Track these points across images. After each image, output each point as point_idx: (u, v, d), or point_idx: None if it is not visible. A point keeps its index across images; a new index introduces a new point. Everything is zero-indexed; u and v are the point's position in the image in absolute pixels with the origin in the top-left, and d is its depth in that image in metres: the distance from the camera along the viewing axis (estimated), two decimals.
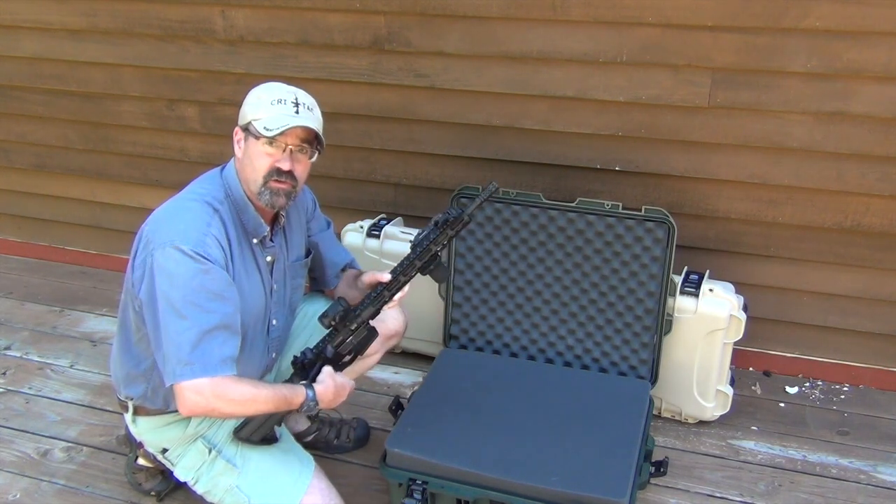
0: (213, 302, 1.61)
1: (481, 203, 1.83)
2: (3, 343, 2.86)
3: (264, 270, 1.82)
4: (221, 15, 2.68)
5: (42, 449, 2.31)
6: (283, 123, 1.66)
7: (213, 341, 1.61)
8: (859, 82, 2.18)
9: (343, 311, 1.76)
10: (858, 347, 2.56)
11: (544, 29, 2.36)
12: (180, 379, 1.59)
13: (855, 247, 2.40)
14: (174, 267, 1.59)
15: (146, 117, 3.00)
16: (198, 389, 1.59)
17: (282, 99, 1.69)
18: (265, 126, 1.66)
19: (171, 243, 1.60)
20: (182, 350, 1.59)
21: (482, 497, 1.84)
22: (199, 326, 1.59)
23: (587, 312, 2.33)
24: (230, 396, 1.62)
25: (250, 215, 1.74)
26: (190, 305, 1.59)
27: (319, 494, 1.80)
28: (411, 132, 2.67)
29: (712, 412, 2.35)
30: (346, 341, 1.81)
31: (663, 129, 2.39)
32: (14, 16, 2.97)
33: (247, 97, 1.74)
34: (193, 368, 1.58)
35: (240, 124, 1.74)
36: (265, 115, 1.67)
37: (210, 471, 1.81)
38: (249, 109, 1.71)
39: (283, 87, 1.74)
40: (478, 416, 2.03)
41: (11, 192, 3.44)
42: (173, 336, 1.60)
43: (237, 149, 1.75)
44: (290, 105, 1.69)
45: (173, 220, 1.67)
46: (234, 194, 1.74)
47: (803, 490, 2.14)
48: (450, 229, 1.81)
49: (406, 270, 1.82)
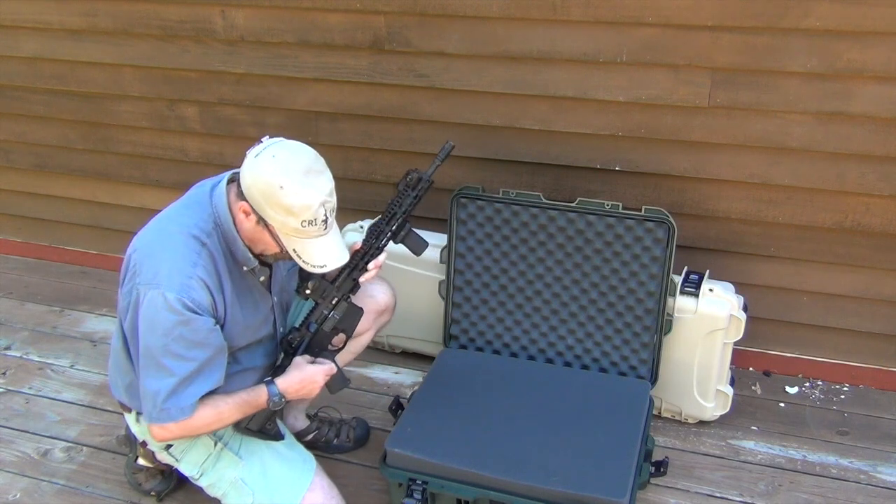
0: (191, 350, 1.63)
1: (440, 164, 1.89)
2: (3, 343, 2.86)
3: (260, 290, 1.81)
4: (221, 15, 2.68)
5: (42, 449, 2.31)
6: (322, 263, 1.62)
7: (190, 387, 1.64)
8: (859, 82, 2.18)
9: (318, 279, 1.77)
10: (858, 347, 2.56)
11: (544, 29, 2.36)
12: (155, 422, 1.67)
13: (855, 247, 2.40)
14: (154, 314, 1.60)
15: (146, 117, 3.00)
16: (166, 428, 1.67)
17: (312, 220, 1.56)
18: (301, 257, 1.61)
19: (155, 286, 1.59)
20: (158, 397, 1.64)
21: (482, 497, 1.84)
22: (175, 377, 1.62)
23: (587, 312, 2.33)
24: (194, 425, 1.68)
25: (239, 248, 1.69)
26: (168, 355, 1.61)
27: (321, 491, 1.81)
28: (411, 132, 2.67)
29: (712, 412, 2.35)
30: (329, 316, 1.83)
31: (663, 129, 2.39)
32: (14, 16, 2.96)
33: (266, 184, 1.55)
34: (169, 413, 1.64)
35: (251, 204, 1.59)
36: (296, 236, 1.59)
37: (216, 464, 1.83)
38: (273, 213, 1.56)
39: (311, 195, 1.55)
40: (478, 416, 2.03)
41: (11, 192, 3.43)
42: (150, 382, 1.64)
43: (243, 216, 1.63)
44: (320, 224, 1.58)
45: (159, 256, 1.63)
46: (223, 226, 1.67)
47: (803, 490, 2.14)
48: (411, 190, 1.85)
49: (377, 235, 1.84)
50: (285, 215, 1.55)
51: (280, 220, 1.57)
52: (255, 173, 1.56)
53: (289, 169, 1.55)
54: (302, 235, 1.59)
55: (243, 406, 1.73)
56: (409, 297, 2.41)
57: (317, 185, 1.57)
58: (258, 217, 1.60)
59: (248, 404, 1.73)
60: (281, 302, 1.92)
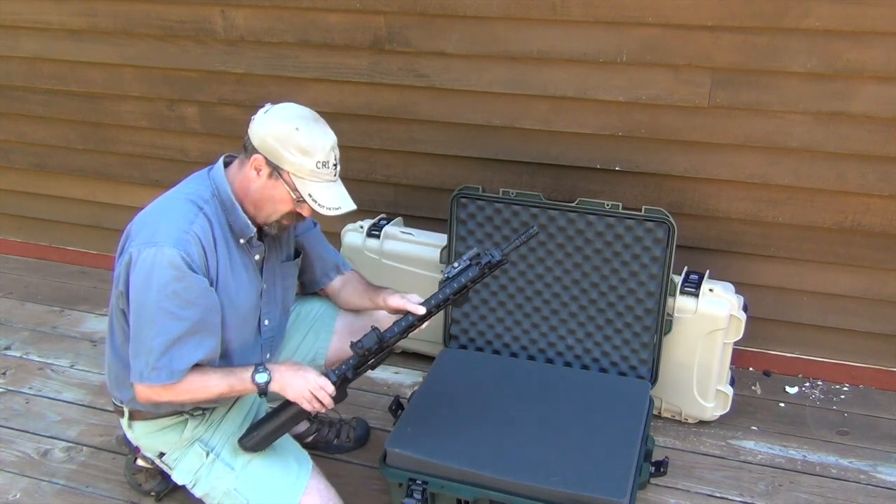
0: (185, 309, 1.63)
1: (520, 245, 1.82)
2: (3, 343, 2.86)
3: (253, 270, 1.81)
4: (221, 15, 2.68)
5: (42, 449, 2.31)
6: (336, 206, 1.68)
7: (183, 348, 1.65)
8: (859, 82, 2.18)
9: (377, 341, 1.76)
10: (858, 347, 2.56)
11: (544, 29, 2.36)
12: (146, 381, 1.67)
13: (855, 247, 2.40)
14: (150, 270, 1.61)
15: (146, 117, 3.00)
16: (153, 389, 1.68)
17: (325, 161, 1.66)
18: (318, 202, 1.66)
19: (151, 244, 1.62)
20: (151, 355, 1.64)
21: (482, 497, 1.84)
22: (168, 334, 1.63)
23: (587, 312, 2.33)
24: (182, 389, 1.68)
25: (238, 216, 1.73)
26: (161, 312, 1.62)
27: (318, 494, 1.80)
28: (411, 132, 2.67)
29: (712, 412, 2.35)
30: (368, 363, 1.81)
31: (663, 129, 2.39)
32: (14, 16, 2.97)
33: (277, 127, 1.66)
34: (160, 374, 1.65)
35: (268, 158, 1.66)
36: (311, 179, 1.66)
37: (208, 474, 1.82)
38: (288, 155, 1.64)
39: (323, 137, 1.68)
40: (478, 416, 2.03)
41: (11, 192, 3.44)
42: (144, 341, 1.65)
43: (253, 173, 1.69)
44: (332, 168, 1.69)
45: (156, 218, 1.68)
46: (221, 194, 1.72)
47: (803, 490, 2.14)
48: (489, 271, 1.81)
49: (440, 305, 1.81)
50: (301, 156, 1.64)
51: (296, 163, 1.64)
52: (268, 123, 1.66)
53: (301, 115, 1.70)
54: (316, 178, 1.66)
55: (229, 377, 1.71)
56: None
57: (327, 130, 1.70)
58: (272, 168, 1.66)
59: (234, 376, 1.71)
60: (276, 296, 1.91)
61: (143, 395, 1.71)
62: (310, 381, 1.73)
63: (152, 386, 1.67)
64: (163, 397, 1.70)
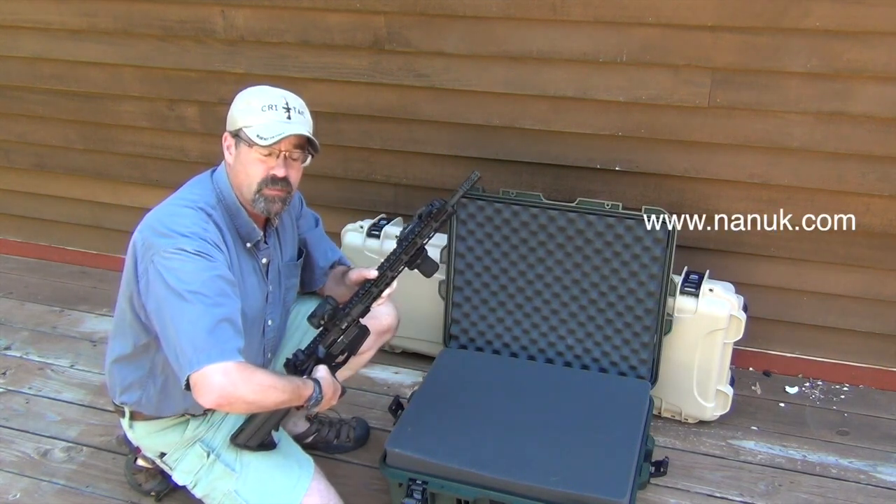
0: (220, 297, 1.58)
1: (463, 193, 1.83)
2: (3, 343, 2.86)
3: (260, 273, 1.82)
4: (221, 15, 2.68)
5: (42, 449, 2.31)
6: (278, 132, 1.64)
7: (227, 331, 1.56)
8: (859, 82, 2.18)
9: (332, 309, 1.75)
10: (858, 347, 2.56)
11: (544, 29, 2.36)
12: (198, 366, 1.50)
13: (855, 247, 2.40)
14: (180, 265, 1.57)
15: (146, 117, 3.00)
16: (225, 370, 1.50)
17: (272, 104, 1.67)
18: (258, 134, 1.63)
19: (173, 246, 1.58)
20: (198, 337, 1.52)
21: (482, 497, 1.84)
22: (211, 314, 1.54)
23: (587, 312, 2.33)
24: (256, 380, 1.54)
25: (243, 220, 1.73)
26: (200, 296, 1.55)
27: (318, 496, 1.79)
28: (411, 132, 2.67)
29: (712, 412, 2.35)
30: (338, 341, 1.80)
31: (663, 129, 2.39)
32: (14, 16, 2.96)
33: (234, 102, 1.72)
34: (210, 354, 1.50)
35: (229, 130, 1.71)
36: (257, 121, 1.65)
37: (209, 475, 1.81)
38: (239, 115, 1.68)
39: (272, 90, 1.72)
40: (478, 416, 2.03)
41: (11, 192, 3.44)
42: (187, 326, 1.53)
43: (227, 154, 1.72)
44: (281, 111, 1.67)
45: (171, 227, 1.63)
46: (226, 199, 1.72)
47: (803, 490, 2.14)
48: (434, 221, 1.81)
49: (393, 265, 1.82)
50: (246, 105, 1.67)
51: (244, 114, 1.66)
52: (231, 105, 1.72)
53: (259, 87, 1.73)
54: (263, 119, 1.65)
55: (293, 390, 1.63)
56: (410, 298, 2.40)
57: (282, 90, 1.71)
58: (234, 137, 1.69)
59: (297, 389, 1.64)
60: (279, 296, 1.91)
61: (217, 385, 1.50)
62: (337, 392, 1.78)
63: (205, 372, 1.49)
64: (238, 386, 1.51)
